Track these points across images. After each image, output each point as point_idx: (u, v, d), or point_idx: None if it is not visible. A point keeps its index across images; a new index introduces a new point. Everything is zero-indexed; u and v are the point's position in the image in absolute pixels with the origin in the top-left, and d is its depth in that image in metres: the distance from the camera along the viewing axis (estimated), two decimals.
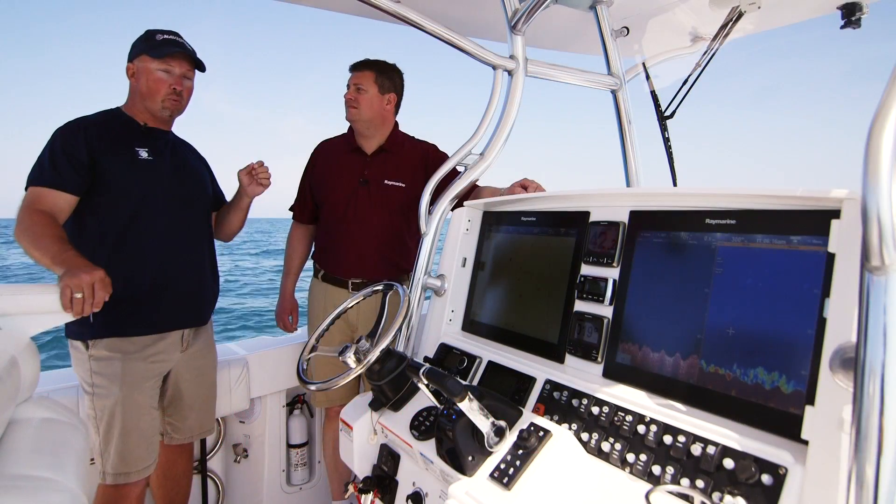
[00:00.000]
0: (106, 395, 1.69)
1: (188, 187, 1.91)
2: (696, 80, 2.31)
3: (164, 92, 1.79)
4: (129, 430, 1.71)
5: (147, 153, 1.80)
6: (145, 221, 1.76)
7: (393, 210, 2.20)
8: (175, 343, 1.85)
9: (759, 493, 0.90)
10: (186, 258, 1.87)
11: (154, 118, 1.84)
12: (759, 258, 1.06)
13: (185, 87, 1.84)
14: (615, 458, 1.11)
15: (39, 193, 1.63)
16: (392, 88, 2.21)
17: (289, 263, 2.42)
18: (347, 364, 1.39)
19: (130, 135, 1.80)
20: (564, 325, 1.44)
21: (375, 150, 2.24)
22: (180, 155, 1.94)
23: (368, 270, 2.18)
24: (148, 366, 1.76)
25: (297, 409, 2.52)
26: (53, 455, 1.14)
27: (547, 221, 1.59)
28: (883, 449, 0.65)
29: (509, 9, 1.86)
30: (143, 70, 1.78)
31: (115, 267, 1.64)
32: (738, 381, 1.04)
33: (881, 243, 0.65)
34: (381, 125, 2.22)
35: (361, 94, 2.15)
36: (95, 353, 1.70)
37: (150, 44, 1.78)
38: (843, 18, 1.95)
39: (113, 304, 1.67)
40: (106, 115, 1.82)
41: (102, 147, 1.71)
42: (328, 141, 2.38)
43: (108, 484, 1.71)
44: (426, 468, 1.38)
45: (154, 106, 1.81)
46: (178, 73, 1.80)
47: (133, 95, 1.83)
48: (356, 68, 2.20)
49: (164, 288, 1.79)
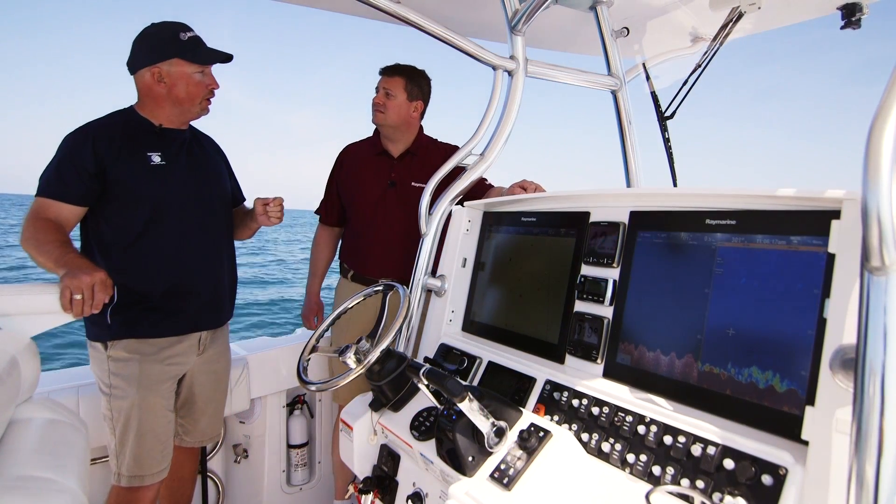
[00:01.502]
0: (123, 396, 1.68)
1: (205, 188, 1.87)
2: (696, 81, 2.31)
3: (203, 94, 1.77)
4: (145, 432, 1.70)
5: (160, 158, 1.75)
6: (161, 226, 1.74)
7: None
8: (192, 346, 1.83)
9: (759, 493, 0.90)
10: (204, 260, 1.85)
11: (174, 119, 1.80)
12: (759, 258, 1.06)
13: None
14: (615, 459, 1.11)
15: (45, 204, 1.62)
16: (420, 96, 2.24)
17: (315, 265, 2.46)
18: (347, 364, 1.39)
19: (143, 138, 1.75)
20: (564, 326, 1.44)
21: (402, 153, 2.27)
22: (197, 153, 1.89)
23: (397, 271, 2.19)
24: (165, 368, 1.75)
25: (298, 410, 2.52)
26: (54, 455, 1.14)
27: (547, 222, 1.59)
28: (883, 449, 0.65)
29: (509, 9, 1.86)
30: (178, 74, 1.72)
31: (132, 271, 1.63)
32: (737, 382, 1.04)
33: (881, 244, 0.65)
34: (406, 131, 2.26)
35: (390, 100, 2.17)
36: (114, 353, 1.69)
37: (181, 46, 1.72)
38: (843, 19, 1.95)
39: (130, 306, 1.67)
40: (116, 117, 1.76)
41: (112, 154, 1.67)
42: (354, 144, 2.41)
43: (122, 486, 1.71)
44: (426, 468, 1.38)
45: (192, 109, 1.78)
46: (210, 72, 1.79)
47: (155, 98, 1.75)
48: (387, 73, 2.21)
49: (182, 291, 1.78)
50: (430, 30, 1.74)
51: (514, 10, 1.85)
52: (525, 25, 1.83)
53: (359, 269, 2.29)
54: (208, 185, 1.90)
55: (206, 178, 1.90)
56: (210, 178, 1.92)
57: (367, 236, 2.25)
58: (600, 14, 2.14)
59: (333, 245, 2.47)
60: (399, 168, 2.26)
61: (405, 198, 2.21)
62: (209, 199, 1.89)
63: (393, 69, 2.21)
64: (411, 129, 2.28)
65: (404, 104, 2.19)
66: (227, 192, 2.00)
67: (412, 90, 2.20)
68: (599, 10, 2.14)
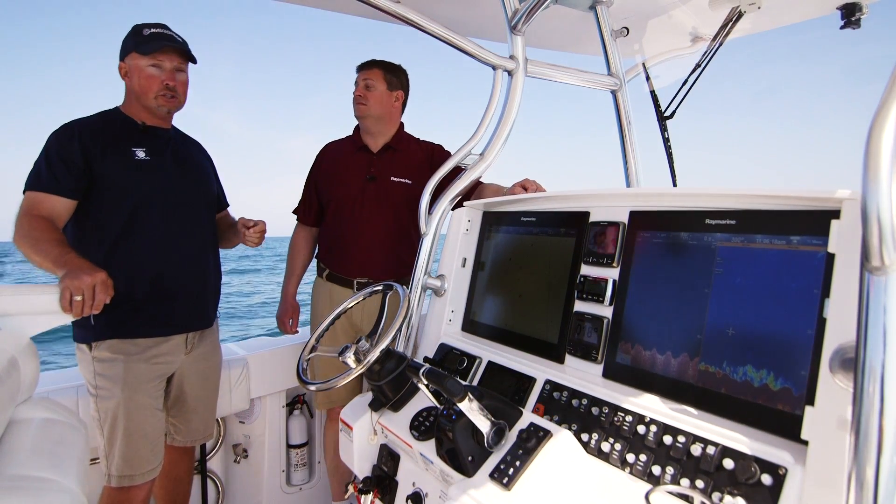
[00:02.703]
0: (109, 396, 1.68)
1: (190, 186, 1.88)
2: (696, 81, 2.31)
3: (156, 89, 1.75)
4: (133, 432, 1.70)
5: (144, 153, 1.77)
6: (144, 223, 1.74)
7: (399, 207, 2.20)
8: (179, 345, 1.83)
9: (759, 493, 0.90)
10: (188, 259, 1.85)
11: (152, 116, 1.82)
12: (759, 258, 1.06)
13: (178, 81, 1.79)
14: (615, 459, 1.11)
15: (37, 199, 1.62)
16: (400, 86, 2.23)
17: (291, 265, 2.41)
18: (347, 364, 1.38)
19: (128, 135, 1.77)
20: (564, 326, 1.44)
21: (381, 147, 2.25)
22: (183, 153, 1.90)
23: (376, 268, 2.18)
24: (150, 367, 1.75)
25: (297, 410, 2.52)
26: (53, 455, 1.14)
27: (547, 221, 1.59)
28: (883, 449, 0.65)
29: (509, 9, 1.86)
30: (134, 68, 1.75)
31: (115, 268, 1.63)
32: (737, 382, 1.04)
33: (881, 243, 0.65)
34: (388, 122, 2.24)
35: (370, 91, 2.17)
36: (98, 354, 1.69)
37: (138, 39, 1.75)
38: (843, 19, 1.95)
39: (114, 306, 1.66)
40: (102, 116, 1.80)
41: (98, 149, 1.69)
42: (333, 142, 2.39)
43: (112, 486, 1.71)
44: (426, 468, 1.38)
45: (149, 104, 1.78)
46: (169, 68, 1.77)
47: (129, 94, 1.81)
48: (364, 67, 2.21)
49: (166, 290, 1.78)
50: (430, 30, 1.74)
51: (513, 10, 1.85)
52: (525, 25, 1.83)
53: (335, 268, 2.24)
54: (194, 184, 1.90)
55: (192, 176, 1.90)
56: (196, 176, 1.93)
57: (345, 233, 2.21)
58: (600, 14, 2.14)
59: (311, 245, 2.42)
60: (378, 162, 2.22)
61: (384, 193, 2.19)
62: (194, 198, 1.89)
63: (370, 63, 2.21)
64: (393, 122, 2.26)
65: (385, 94, 2.18)
66: (212, 193, 2.01)
67: (391, 80, 2.19)
68: (599, 10, 2.14)
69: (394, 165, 2.22)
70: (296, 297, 2.42)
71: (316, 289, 2.31)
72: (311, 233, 2.41)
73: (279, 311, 2.42)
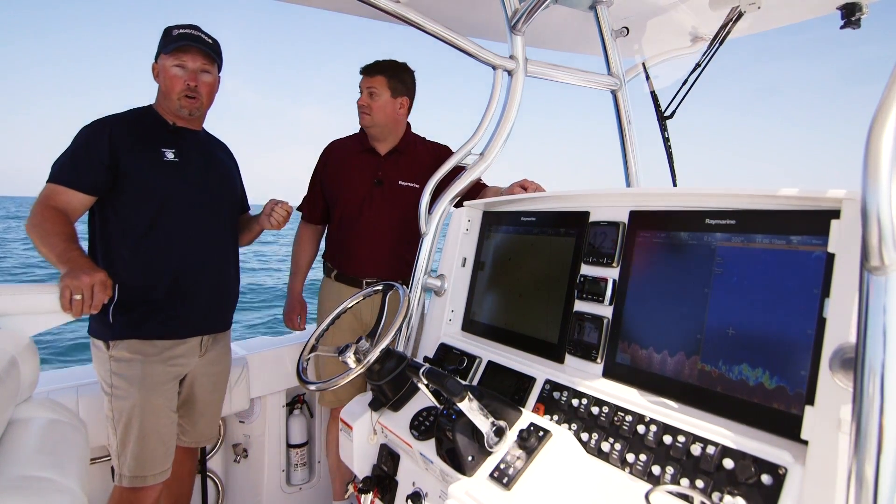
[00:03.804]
0: (124, 396, 1.68)
1: (215, 190, 1.87)
2: (695, 81, 2.31)
3: (178, 89, 1.74)
4: (147, 433, 1.70)
5: (173, 154, 1.76)
6: (167, 223, 1.74)
7: (407, 210, 2.19)
8: (194, 347, 1.83)
9: (759, 493, 0.90)
10: (209, 262, 1.84)
11: (180, 118, 1.81)
12: (759, 258, 1.06)
13: (201, 82, 1.77)
14: (615, 458, 1.11)
15: (55, 190, 1.63)
16: (404, 92, 2.20)
17: (297, 263, 2.41)
18: (347, 364, 1.39)
19: (158, 134, 1.77)
20: (564, 325, 1.44)
21: (389, 150, 2.24)
22: (209, 156, 1.90)
23: (383, 270, 2.18)
24: (167, 369, 1.74)
25: (297, 409, 2.52)
26: (53, 455, 1.14)
27: (547, 221, 1.59)
28: (883, 449, 0.65)
29: (509, 9, 1.86)
30: (162, 68, 1.76)
31: (136, 267, 1.63)
32: (737, 381, 1.04)
33: (881, 243, 0.65)
34: (393, 129, 2.23)
35: (374, 100, 2.14)
36: (116, 353, 1.69)
37: (166, 40, 1.75)
38: (843, 18, 1.95)
39: (133, 306, 1.65)
40: (136, 113, 1.80)
41: (127, 146, 1.69)
42: (339, 140, 2.37)
43: (124, 486, 1.70)
44: (426, 468, 1.38)
45: (171, 105, 1.77)
46: (193, 69, 1.75)
47: (159, 95, 1.81)
48: (368, 72, 2.17)
49: (186, 292, 1.77)
50: (430, 29, 1.74)
51: (513, 10, 1.85)
52: (525, 25, 1.83)
53: (343, 269, 2.24)
54: (219, 187, 1.90)
55: (217, 179, 1.90)
56: (221, 179, 1.92)
57: (353, 235, 2.21)
58: (600, 14, 2.14)
59: (316, 243, 2.42)
60: (386, 166, 2.22)
61: (392, 197, 2.19)
62: (218, 201, 1.89)
63: (373, 68, 2.17)
64: (398, 128, 2.24)
65: (389, 102, 2.15)
66: (236, 197, 2.00)
67: (395, 86, 2.16)
68: (599, 10, 2.14)
69: (401, 169, 2.22)
70: (302, 294, 2.44)
71: (324, 289, 2.32)
72: (316, 230, 2.42)
73: (286, 308, 2.43)
